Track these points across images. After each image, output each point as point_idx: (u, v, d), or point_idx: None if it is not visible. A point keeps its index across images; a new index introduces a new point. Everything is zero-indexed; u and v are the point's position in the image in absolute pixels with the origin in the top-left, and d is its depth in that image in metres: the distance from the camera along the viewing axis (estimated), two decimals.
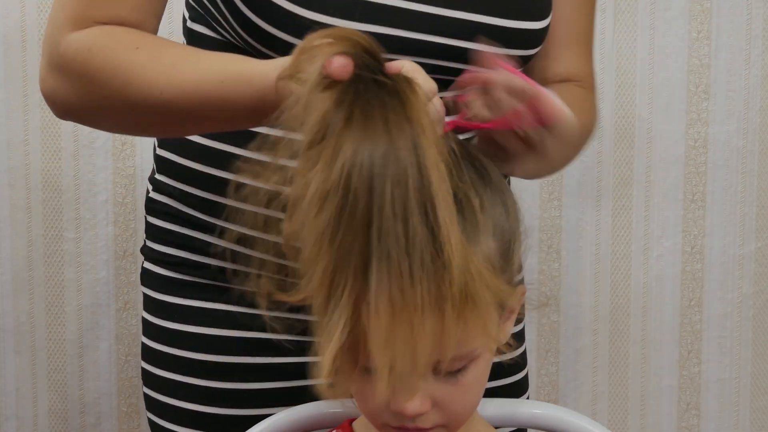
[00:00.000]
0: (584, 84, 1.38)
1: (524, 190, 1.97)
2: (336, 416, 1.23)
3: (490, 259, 1.04)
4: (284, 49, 1.16)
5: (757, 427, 2.03)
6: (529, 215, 1.97)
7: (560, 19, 1.35)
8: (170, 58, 1.16)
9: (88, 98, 1.19)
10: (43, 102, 1.96)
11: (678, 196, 2.01)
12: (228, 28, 1.24)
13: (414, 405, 1.03)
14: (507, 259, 1.06)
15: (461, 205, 1.02)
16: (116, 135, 1.90)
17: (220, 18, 1.25)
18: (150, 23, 1.24)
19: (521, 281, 1.12)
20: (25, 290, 1.96)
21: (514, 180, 1.46)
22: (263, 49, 1.21)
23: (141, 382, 1.39)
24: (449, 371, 1.04)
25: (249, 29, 1.21)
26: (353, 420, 1.18)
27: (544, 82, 1.32)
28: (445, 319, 0.97)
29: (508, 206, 1.08)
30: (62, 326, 1.97)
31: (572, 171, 1.98)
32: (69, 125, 1.92)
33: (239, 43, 1.24)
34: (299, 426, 1.27)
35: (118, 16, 1.21)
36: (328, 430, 1.22)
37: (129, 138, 1.90)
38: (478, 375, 1.06)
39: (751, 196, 2.00)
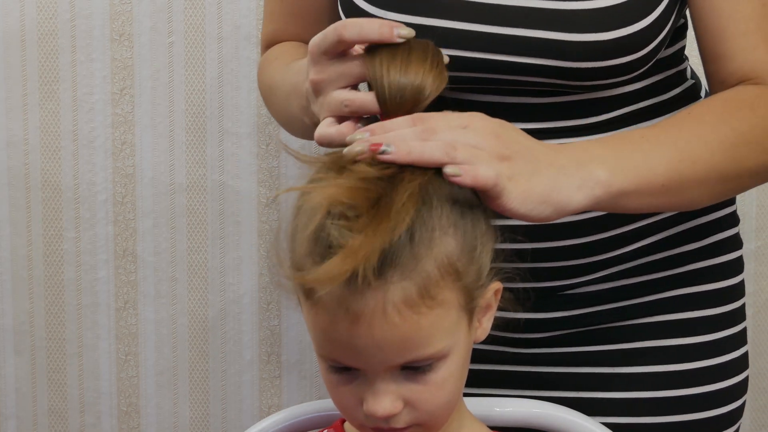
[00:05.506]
0: (761, 80, 1.24)
1: None
2: (333, 417, 1.23)
3: (449, 258, 1.02)
4: None
5: (757, 426, 2.03)
6: None
7: (718, 10, 1.24)
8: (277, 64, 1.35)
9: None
10: (43, 101, 1.96)
11: None
12: None
13: (384, 406, 1.03)
14: (470, 258, 1.04)
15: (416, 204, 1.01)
16: (115, 134, 1.91)
17: None
18: (297, 28, 1.40)
19: (499, 277, 1.10)
20: (25, 290, 1.96)
21: None
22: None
23: (140, 381, 1.39)
24: (415, 369, 1.03)
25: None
26: (345, 420, 1.18)
27: (720, 85, 1.25)
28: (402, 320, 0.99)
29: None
30: (62, 326, 1.97)
31: None
32: (69, 124, 1.92)
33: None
34: (298, 426, 1.27)
35: (273, 31, 1.43)
36: (320, 429, 1.22)
37: (129, 137, 1.90)
38: (450, 373, 1.04)
39: (751, 196, 1.99)
